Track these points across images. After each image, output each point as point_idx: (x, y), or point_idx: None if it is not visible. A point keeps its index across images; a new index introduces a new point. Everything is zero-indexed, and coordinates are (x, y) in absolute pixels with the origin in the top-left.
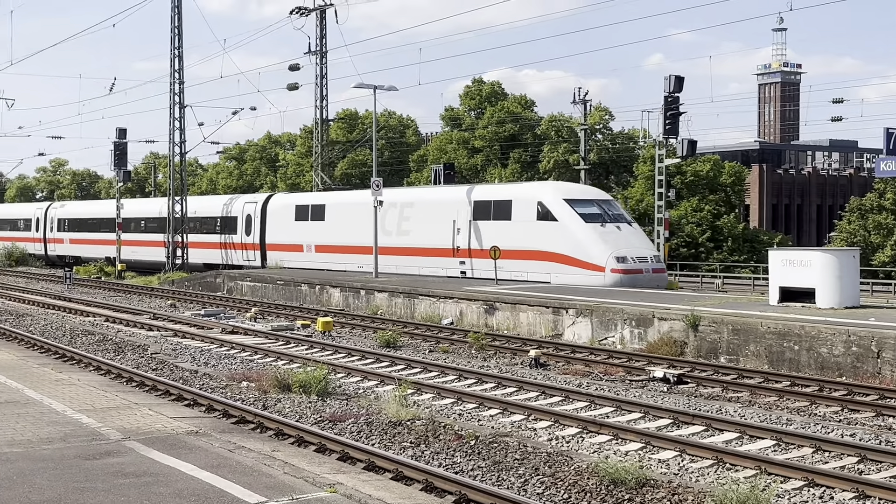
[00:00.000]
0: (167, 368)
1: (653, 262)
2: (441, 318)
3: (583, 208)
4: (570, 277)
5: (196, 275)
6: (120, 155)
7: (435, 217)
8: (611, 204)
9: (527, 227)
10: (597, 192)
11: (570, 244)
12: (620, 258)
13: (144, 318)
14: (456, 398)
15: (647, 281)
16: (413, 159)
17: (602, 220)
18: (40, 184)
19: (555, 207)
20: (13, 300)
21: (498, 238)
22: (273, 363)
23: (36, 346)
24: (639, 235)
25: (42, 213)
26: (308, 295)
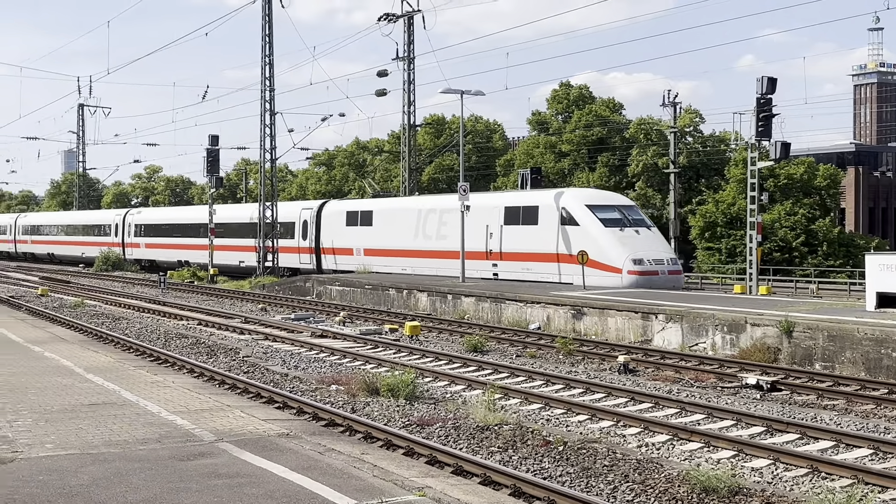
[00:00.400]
0: (258, 371)
1: (668, 264)
2: (528, 322)
3: (603, 213)
4: (591, 279)
5: (286, 279)
6: (212, 161)
7: (470, 222)
8: (631, 209)
9: (551, 232)
10: (619, 197)
11: (591, 247)
12: (637, 260)
13: (236, 322)
14: (543, 403)
15: (662, 282)
16: (500, 164)
17: (621, 224)
18: (135, 190)
19: (577, 213)
20: (110, 304)
21: (526, 242)
22: (361, 367)
23: (132, 349)
24: (656, 239)
25: (121, 219)
26: (396, 299)
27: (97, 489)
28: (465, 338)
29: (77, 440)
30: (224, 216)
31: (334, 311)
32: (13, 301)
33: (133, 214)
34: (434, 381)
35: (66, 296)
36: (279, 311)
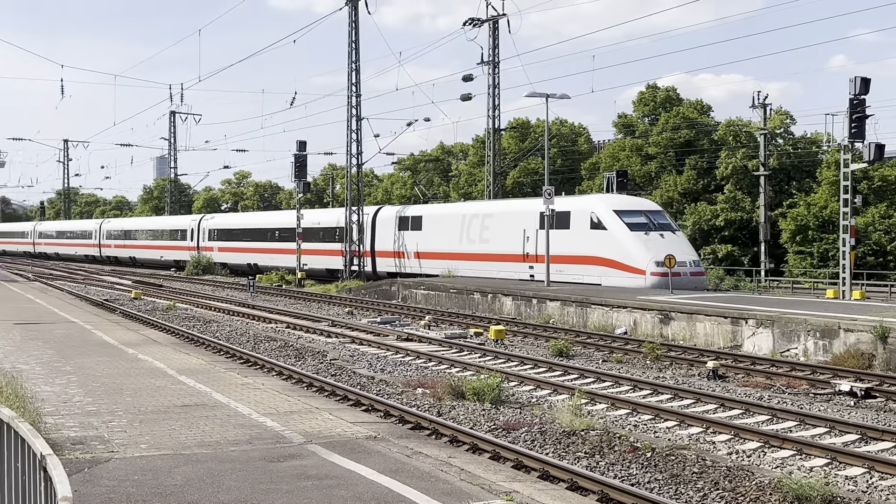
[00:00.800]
0: (345, 374)
1: (691, 265)
2: (614, 327)
3: (629, 218)
4: (617, 280)
5: (372, 283)
6: (300, 167)
7: (509, 227)
8: (658, 214)
9: (582, 236)
10: (646, 203)
11: (617, 250)
12: (660, 262)
13: (323, 325)
14: (631, 409)
15: (685, 283)
16: (585, 167)
17: (647, 228)
18: (225, 195)
19: (605, 218)
20: (201, 307)
21: (558, 245)
22: (447, 370)
23: (222, 352)
24: (680, 242)
25: (196, 224)
26: (480, 303)
27: (190, 489)
28: (550, 342)
29: (170, 441)
30: (288, 221)
31: (419, 314)
32: (108, 304)
33: (207, 220)
34: (519, 385)
35: (158, 299)
36: (365, 314)
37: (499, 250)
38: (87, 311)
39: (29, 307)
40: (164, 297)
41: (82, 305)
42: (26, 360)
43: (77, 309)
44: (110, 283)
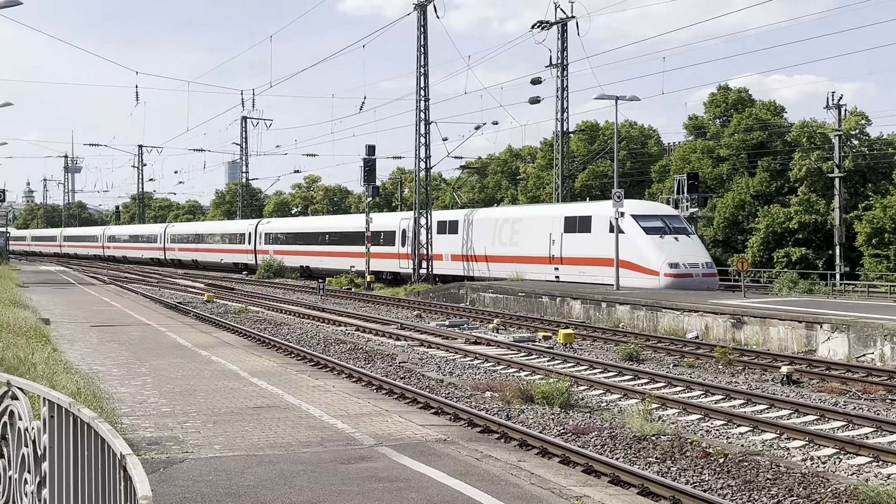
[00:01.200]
0: (414, 377)
1: (703, 267)
2: (685, 331)
3: (646, 223)
4: (633, 280)
5: (440, 286)
6: (368, 171)
7: (536, 231)
8: (674, 219)
9: (602, 239)
10: (663, 208)
11: (634, 252)
12: (673, 264)
13: (392, 328)
14: (702, 414)
15: (696, 284)
16: (655, 170)
17: (662, 232)
18: (295, 199)
19: (623, 222)
20: (272, 310)
21: (581, 248)
22: (515, 374)
23: (293, 354)
24: (694, 245)
25: (252, 228)
26: (549, 306)
27: (263, 490)
28: (620, 346)
29: (243, 442)
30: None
31: (488, 318)
32: (181, 307)
33: (263, 224)
34: (589, 389)
35: (230, 302)
36: (434, 317)
37: (527, 253)
38: (161, 314)
39: (105, 310)
40: (235, 299)
41: (156, 308)
42: (103, 362)
43: (151, 311)
44: (183, 286)
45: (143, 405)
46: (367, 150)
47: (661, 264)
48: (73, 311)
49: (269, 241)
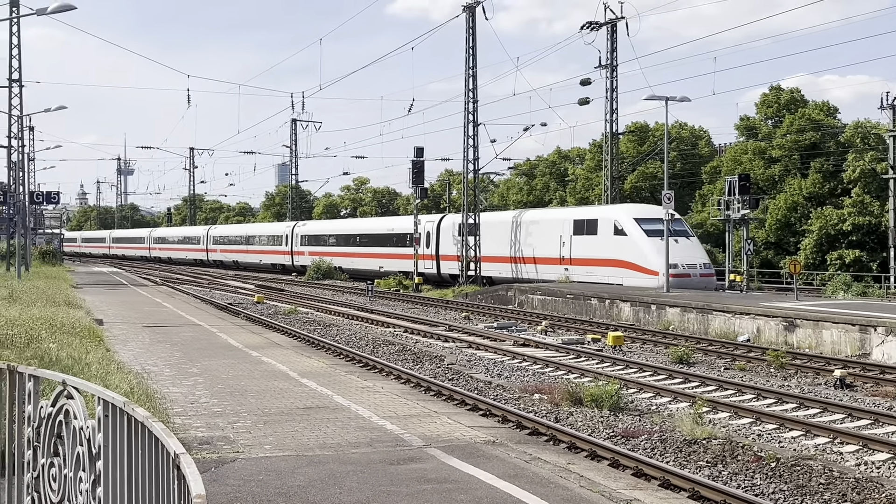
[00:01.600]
0: (462, 379)
1: (701, 268)
2: (736, 334)
3: (648, 225)
4: (635, 280)
5: (488, 288)
6: (417, 173)
7: (548, 233)
8: (675, 221)
9: (607, 241)
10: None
11: (636, 254)
12: (672, 265)
13: (440, 330)
14: (754, 418)
15: (694, 283)
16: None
17: (662, 234)
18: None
19: (626, 225)
20: (321, 311)
21: (588, 249)
22: (564, 376)
23: (342, 355)
24: (693, 247)
25: (290, 230)
26: (598, 309)
27: (313, 490)
28: (670, 349)
29: (293, 442)
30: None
31: (536, 320)
32: (232, 308)
33: (300, 226)
34: (638, 392)
35: (279, 303)
36: (482, 319)
37: (539, 254)
38: (212, 315)
39: (157, 310)
40: (285, 301)
41: (207, 309)
42: (155, 362)
43: (202, 312)
44: (234, 287)
45: (194, 405)
46: (416, 151)
47: (661, 265)
48: (125, 312)
49: (304, 242)
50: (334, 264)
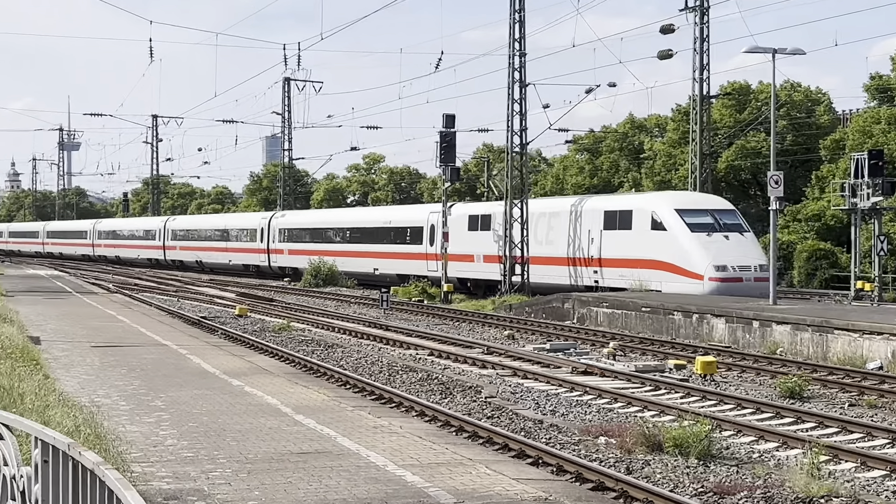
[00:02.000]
0: (505, 416)
1: (756, 270)
2: (865, 360)
3: (692, 218)
4: (675, 286)
5: (539, 299)
6: (447, 147)
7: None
8: (727, 213)
9: (643, 237)
10: (715, 200)
11: (676, 253)
12: (720, 267)
13: (476, 353)
14: (888, 470)
15: (747, 289)
16: (825, 146)
17: (710, 229)
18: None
19: (665, 217)
20: (321, 327)
21: (621, 247)
22: (638, 414)
23: (349, 385)
24: (748, 244)
25: (266, 223)
26: (682, 326)
27: None
28: (777, 379)
29: (285, 497)
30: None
31: (601, 340)
32: (207, 323)
33: (278, 218)
34: (736, 435)
35: (268, 317)
36: (530, 339)
37: (563, 253)
38: (181, 332)
39: (110, 325)
40: (275, 314)
41: (175, 324)
42: (107, 393)
43: (169, 328)
44: (209, 296)
45: (158, 448)
46: (445, 120)
47: (707, 266)
48: (69, 328)
49: (283, 238)
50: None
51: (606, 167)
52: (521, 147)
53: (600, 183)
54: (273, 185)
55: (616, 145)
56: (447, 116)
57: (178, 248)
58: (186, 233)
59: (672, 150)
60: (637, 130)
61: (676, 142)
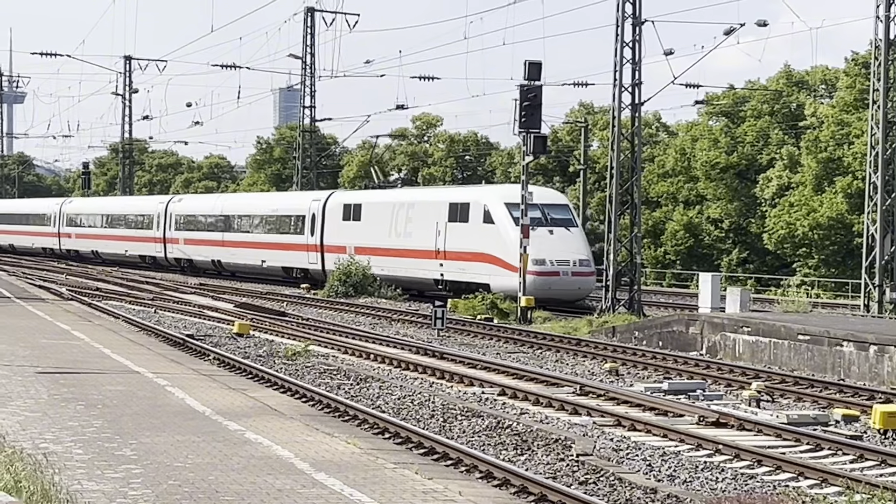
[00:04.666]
0: (604, 481)
1: (575, 265)
2: None
3: (519, 212)
4: (503, 280)
5: (654, 321)
6: (529, 108)
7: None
8: (557, 208)
9: (477, 230)
10: (548, 194)
11: (503, 246)
12: (538, 261)
13: (565, 393)
14: None
15: (563, 283)
16: None
17: (536, 223)
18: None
19: (495, 211)
20: (351, 352)
21: (459, 241)
22: (790, 484)
23: (388, 433)
24: (572, 239)
25: (163, 208)
26: (854, 361)
27: None
28: None
29: None
30: (251, 206)
31: (740, 379)
32: (194, 343)
33: (175, 203)
34: None
35: (278, 336)
36: (640, 375)
37: (415, 245)
38: (159, 355)
39: (62, 344)
40: (289, 333)
41: (151, 343)
42: (58, 436)
43: (142, 349)
44: (198, 306)
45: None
46: (527, 70)
47: (528, 260)
48: (6, 346)
49: (179, 226)
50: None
51: (751, 138)
52: (633, 108)
53: (741, 160)
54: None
55: (765, 108)
56: (530, 65)
57: (74, 235)
58: (83, 218)
59: (844, 117)
60: (795, 88)
61: (851, 105)
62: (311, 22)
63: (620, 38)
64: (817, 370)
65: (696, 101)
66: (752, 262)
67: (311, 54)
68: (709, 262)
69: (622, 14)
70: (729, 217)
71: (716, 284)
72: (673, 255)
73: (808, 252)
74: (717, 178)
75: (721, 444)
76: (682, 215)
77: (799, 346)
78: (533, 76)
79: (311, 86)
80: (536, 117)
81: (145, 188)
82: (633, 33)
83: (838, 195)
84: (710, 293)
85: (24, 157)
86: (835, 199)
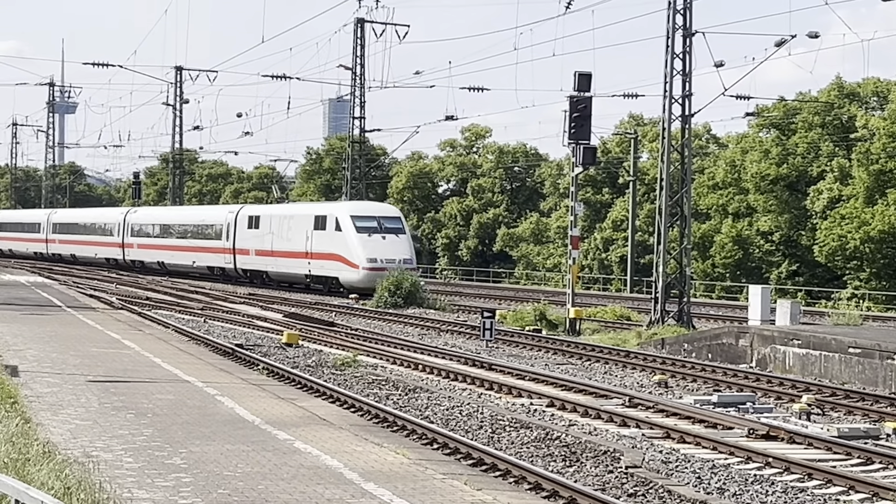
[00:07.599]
0: (654, 494)
1: (399, 263)
2: None
3: (361, 222)
4: (346, 274)
5: (703, 333)
6: (579, 119)
7: (297, 228)
8: (391, 219)
9: (331, 236)
10: (385, 209)
11: (347, 248)
12: (371, 259)
13: (613, 404)
14: None
15: None
16: None
17: (372, 231)
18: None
19: (343, 221)
20: (399, 363)
21: (321, 243)
22: (841, 497)
23: (437, 443)
24: (399, 243)
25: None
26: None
27: None
28: None
29: None
30: (180, 218)
31: (790, 392)
32: (243, 353)
33: (132, 213)
34: None
35: (327, 347)
36: (690, 387)
37: (293, 248)
38: (208, 364)
39: (112, 353)
40: (337, 343)
41: (200, 353)
42: (108, 444)
43: (192, 358)
44: (247, 316)
45: None
46: (577, 81)
47: (363, 259)
48: (58, 355)
49: (134, 233)
50: (159, 259)
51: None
52: (684, 119)
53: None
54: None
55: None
56: (580, 76)
57: (58, 241)
58: (65, 227)
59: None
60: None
61: None
62: (361, 33)
63: (671, 50)
64: (868, 383)
65: (747, 113)
66: (802, 275)
67: (360, 65)
68: (758, 275)
69: (673, 25)
70: (779, 229)
71: (766, 297)
72: (721, 268)
73: (859, 265)
74: (767, 191)
75: (771, 457)
76: (731, 227)
77: (850, 359)
78: (583, 87)
79: (361, 96)
80: (586, 128)
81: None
82: (684, 45)
83: (890, 207)
84: (760, 305)
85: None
86: (887, 212)
